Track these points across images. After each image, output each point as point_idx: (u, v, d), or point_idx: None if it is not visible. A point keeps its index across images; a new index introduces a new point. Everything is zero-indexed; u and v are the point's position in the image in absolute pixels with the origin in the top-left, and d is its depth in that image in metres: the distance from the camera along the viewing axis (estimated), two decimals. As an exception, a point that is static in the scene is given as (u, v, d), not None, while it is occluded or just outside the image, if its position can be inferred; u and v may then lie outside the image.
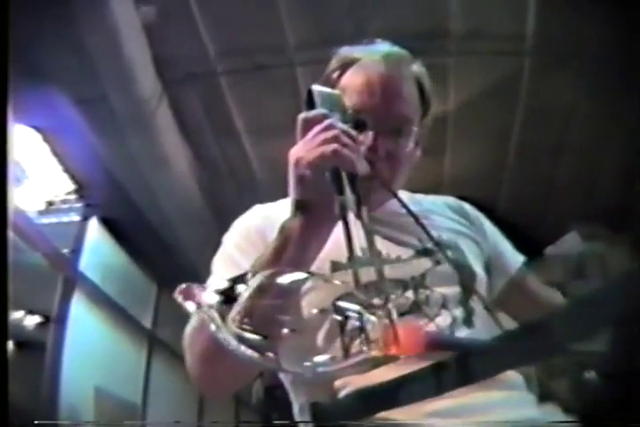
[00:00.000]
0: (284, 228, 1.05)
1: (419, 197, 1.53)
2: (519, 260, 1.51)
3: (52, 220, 3.98)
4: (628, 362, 0.93)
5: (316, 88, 1.10)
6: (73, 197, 3.99)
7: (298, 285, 0.74)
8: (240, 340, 0.70)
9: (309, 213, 1.01)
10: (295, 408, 1.26)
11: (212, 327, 0.71)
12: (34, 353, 3.34)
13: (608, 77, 3.04)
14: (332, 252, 1.10)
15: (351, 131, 1.01)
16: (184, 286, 0.75)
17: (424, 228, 1.13)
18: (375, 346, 0.69)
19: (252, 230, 1.36)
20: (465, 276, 1.27)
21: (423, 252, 1.29)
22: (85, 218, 4.04)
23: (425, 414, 1.02)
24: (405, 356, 0.72)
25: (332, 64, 1.40)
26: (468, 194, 1.62)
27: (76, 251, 3.91)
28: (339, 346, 0.70)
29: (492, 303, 1.42)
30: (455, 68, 3.12)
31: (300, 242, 1.02)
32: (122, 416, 4.07)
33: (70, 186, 3.89)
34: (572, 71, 3.10)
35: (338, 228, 1.01)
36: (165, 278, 4.83)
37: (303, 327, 0.71)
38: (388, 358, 0.70)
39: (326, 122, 1.00)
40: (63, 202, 4.02)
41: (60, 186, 3.89)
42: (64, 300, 3.67)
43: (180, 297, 0.74)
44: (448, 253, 1.26)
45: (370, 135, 1.23)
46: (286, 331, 0.70)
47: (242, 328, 0.70)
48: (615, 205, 3.74)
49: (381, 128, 1.24)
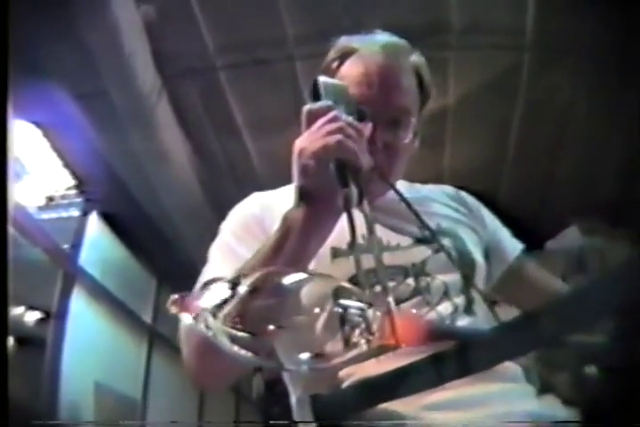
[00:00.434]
0: (286, 218, 1.04)
1: (417, 186, 1.55)
2: (518, 247, 1.52)
3: (52, 215, 3.98)
4: (628, 356, 0.93)
5: (322, 79, 1.11)
6: (73, 192, 3.99)
7: (296, 285, 0.73)
8: (234, 340, 0.70)
9: (313, 204, 1.01)
10: (292, 399, 1.27)
11: (209, 333, 0.71)
12: (34, 349, 3.34)
13: (607, 72, 3.04)
14: (332, 238, 1.09)
15: (356, 123, 1.01)
16: (176, 297, 0.74)
17: (417, 215, 1.13)
18: (375, 337, 0.69)
19: (250, 219, 1.35)
20: (464, 263, 1.27)
21: (423, 239, 1.29)
22: (85, 213, 4.04)
23: (422, 406, 1.02)
24: (406, 346, 0.72)
25: (331, 54, 1.40)
26: (467, 188, 1.62)
27: (76, 246, 3.91)
28: (338, 340, 0.69)
29: (492, 290, 1.42)
30: (455, 62, 3.12)
31: (303, 233, 1.02)
32: (122, 412, 4.07)
33: (70, 181, 3.89)
34: (572, 65, 3.09)
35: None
36: (165, 273, 4.84)
37: (299, 323, 0.71)
38: (387, 349, 0.70)
39: (331, 114, 1.00)
40: (63, 197, 4.02)
41: (60, 181, 3.89)
42: (64, 295, 3.67)
43: (174, 309, 0.74)
44: (447, 241, 1.27)
45: (368, 126, 1.22)
46: (276, 328, 0.70)
47: (234, 328, 0.70)
48: (615, 199, 3.74)
49: (380, 119, 1.24)
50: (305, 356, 0.70)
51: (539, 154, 3.73)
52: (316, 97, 1.08)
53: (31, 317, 3.43)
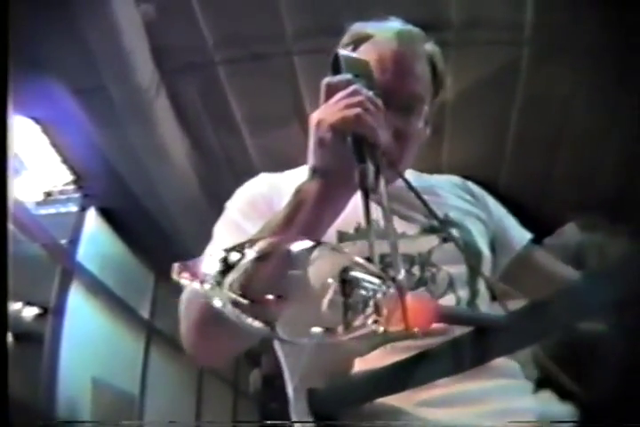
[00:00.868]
0: (299, 191, 1.03)
1: (425, 176, 1.55)
2: (526, 236, 1.51)
3: (50, 210, 3.97)
4: (627, 351, 0.93)
5: (343, 52, 1.10)
6: (71, 187, 3.99)
7: (304, 254, 0.71)
8: (237, 307, 0.69)
9: (327, 178, 1.00)
10: (289, 391, 1.26)
11: (215, 300, 0.70)
12: (32, 345, 3.34)
13: (606, 67, 3.04)
14: (339, 221, 1.09)
15: (376, 99, 1.00)
16: (180, 265, 0.73)
17: (425, 204, 1.13)
18: (385, 319, 0.68)
19: (259, 198, 1.34)
20: (471, 255, 1.27)
21: (430, 229, 1.29)
22: (83, 208, 4.03)
23: (416, 403, 1.02)
24: (417, 329, 0.71)
25: (345, 39, 1.40)
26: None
27: (74, 241, 3.91)
28: (341, 317, 0.69)
29: (499, 279, 1.42)
30: (454, 57, 3.11)
31: (315, 207, 1.00)
32: (119, 407, 4.08)
33: (68, 176, 3.89)
34: (571, 61, 3.09)
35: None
36: (163, 268, 4.80)
37: (306, 297, 0.70)
38: (399, 333, 0.69)
39: (351, 87, 0.99)
40: (61, 192, 4.02)
41: (58, 176, 3.89)
42: (62, 291, 3.67)
43: (181, 276, 0.73)
44: (454, 232, 1.27)
45: None
46: (276, 298, 0.69)
47: (239, 295, 0.69)
48: (614, 195, 3.74)
49: (392, 105, 1.22)
50: (311, 329, 0.69)
51: (537, 149, 3.73)
52: (335, 71, 1.07)
53: (29, 312, 3.43)
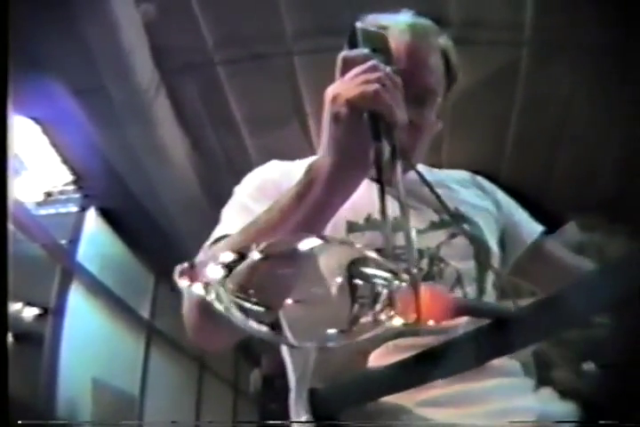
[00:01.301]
0: (311, 168, 0.98)
1: (435, 170, 1.53)
2: (537, 229, 1.50)
3: (50, 211, 3.98)
4: (626, 353, 0.93)
5: (360, 26, 1.06)
6: (71, 187, 3.99)
7: (311, 252, 0.69)
8: (246, 313, 0.67)
9: (341, 155, 0.94)
10: (292, 387, 1.25)
11: (220, 306, 0.68)
12: (32, 345, 3.35)
13: (606, 66, 3.04)
14: (348, 211, 1.06)
15: (394, 75, 0.95)
16: (183, 267, 0.70)
17: (438, 197, 1.11)
18: (399, 313, 0.67)
19: (269, 183, 1.32)
20: (480, 250, 1.26)
21: (439, 223, 1.27)
22: (83, 209, 4.04)
23: (417, 402, 1.01)
24: (432, 322, 0.70)
25: None
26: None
27: (74, 242, 3.91)
28: (348, 315, 0.67)
29: (510, 274, 1.41)
30: (453, 57, 3.12)
31: (328, 184, 0.95)
32: (119, 408, 4.08)
33: (68, 177, 3.89)
34: (571, 60, 3.09)
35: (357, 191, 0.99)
36: (163, 269, 4.83)
37: (318, 296, 0.68)
38: (412, 325, 0.68)
39: (370, 63, 0.94)
40: (61, 193, 4.02)
41: (58, 177, 3.89)
42: (62, 291, 3.67)
43: (183, 280, 0.70)
44: (463, 227, 1.26)
45: None
46: (291, 302, 0.67)
47: (247, 300, 0.67)
48: (614, 195, 3.74)
49: (406, 97, 1.22)
50: (321, 330, 0.67)
51: (537, 149, 3.73)
52: (352, 45, 1.02)
53: (29, 313, 3.43)
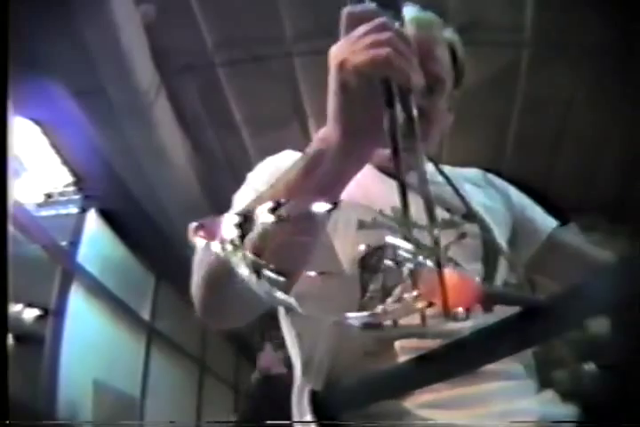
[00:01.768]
0: (319, 139, 0.90)
1: (446, 167, 1.51)
2: (551, 224, 1.49)
3: (51, 212, 3.98)
4: (626, 353, 0.93)
5: None
6: (71, 189, 3.99)
7: (324, 217, 0.66)
8: (262, 278, 0.63)
9: (352, 125, 0.85)
10: (295, 385, 1.23)
11: (238, 268, 0.63)
12: (32, 347, 3.34)
13: (606, 67, 3.04)
14: (360, 207, 1.03)
15: (406, 34, 0.84)
16: (198, 224, 0.66)
17: (463, 198, 1.09)
18: (424, 296, 0.63)
19: (282, 171, 1.30)
20: (489, 251, 1.24)
21: (449, 223, 1.26)
22: (84, 210, 4.04)
23: (419, 404, 1.01)
24: (457, 308, 0.68)
25: None
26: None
27: (75, 243, 3.91)
28: (376, 291, 0.64)
29: (527, 269, 1.39)
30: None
31: (339, 156, 0.87)
32: (120, 409, 4.07)
33: (68, 178, 3.89)
34: (571, 61, 3.09)
35: (367, 185, 0.95)
36: (164, 270, 4.84)
37: (334, 267, 0.66)
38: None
39: (379, 20, 0.82)
40: (61, 194, 4.02)
41: (59, 178, 3.89)
42: (62, 292, 3.67)
43: (199, 236, 0.65)
44: (475, 227, 1.25)
45: None
46: (314, 273, 0.64)
47: (266, 266, 0.63)
48: (614, 195, 3.74)
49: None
50: (338, 307, 0.64)
51: (537, 150, 3.73)
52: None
53: (29, 314, 3.43)
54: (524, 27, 2.98)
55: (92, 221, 4.13)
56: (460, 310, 0.72)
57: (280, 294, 0.63)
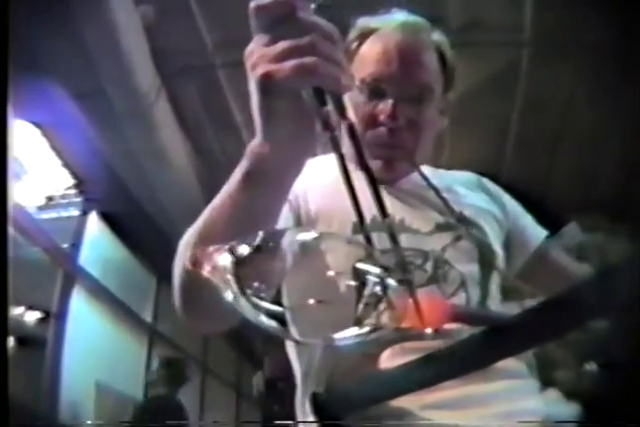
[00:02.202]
0: (251, 153, 0.85)
1: (441, 171, 1.51)
2: (542, 234, 1.49)
3: (52, 215, 3.98)
4: (627, 353, 0.92)
5: None
6: (72, 191, 4.00)
7: (312, 244, 0.64)
8: (257, 308, 0.61)
9: (280, 137, 0.80)
10: (298, 389, 1.23)
11: (229, 295, 0.62)
12: (34, 349, 3.35)
13: (606, 67, 3.04)
14: (353, 213, 1.02)
15: (326, 24, 0.75)
16: (195, 255, 0.65)
17: (445, 201, 1.10)
18: (396, 317, 0.63)
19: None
20: (485, 254, 1.25)
21: (444, 226, 1.26)
22: (85, 212, 4.04)
23: (422, 405, 1.01)
24: (430, 329, 0.69)
25: (351, 35, 1.37)
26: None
27: (76, 245, 3.91)
28: (352, 315, 0.63)
29: (516, 277, 1.40)
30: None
31: (272, 168, 0.83)
32: (122, 411, 4.08)
33: (69, 181, 3.89)
34: (571, 61, 3.09)
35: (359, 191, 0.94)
36: (165, 272, 4.81)
37: (322, 295, 0.65)
38: (409, 331, 0.66)
39: (300, 17, 0.72)
40: (62, 197, 4.02)
41: (60, 181, 3.89)
42: (64, 295, 3.68)
43: (197, 262, 0.63)
44: (468, 231, 1.25)
45: (389, 103, 1.20)
46: (312, 301, 0.64)
47: (256, 294, 0.61)
48: (615, 195, 3.74)
49: (401, 96, 1.22)
50: (330, 330, 0.62)
51: (538, 150, 3.73)
52: None
53: (31, 317, 3.43)
54: (523, 26, 2.98)
55: (94, 223, 4.13)
56: (429, 330, 0.72)
57: (266, 320, 0.63)
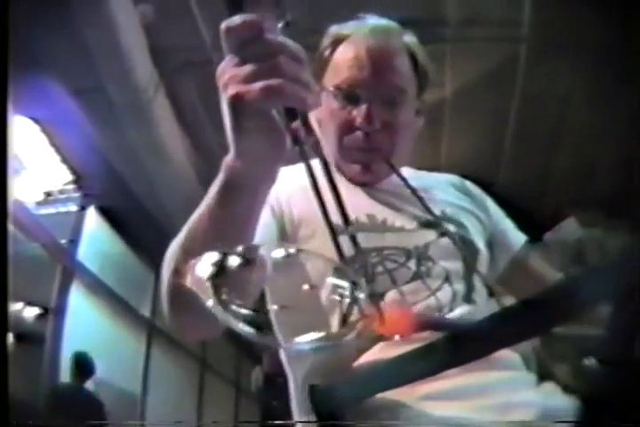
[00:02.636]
0: (227, 167, 0.87)
1: (423, 173, 1.52)
2: (521, 239, 1.50)
3: (50, 210, 3.98)
4: (627, 348, 0.93)
5: None
6: (71, 187, 3.99)
7: (285, 260, 0.69)
8: (234, 315, 0.65)
9: (252, 153, 0.84)
10: (291, 388, 1.25)
11: (209, 302, 0.64)
12: (33, 345, 3.35)
13: (605, 62, 3.04)
14: (334, 215, 1.04)
15: (297, 46, 0.80)
16: (179, 265, 0.68)
17: (421, 200, 1.11)
18: (366, 326, 0.67)
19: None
20: (467, 251, 1.26)
21: (427, 224, 1.27)
22: (83, 208, 4.04)
23: (418, 397, 1.01)
24: (400, 336, 0.71)
25: (323, 42, 1.39)
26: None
27: (74, 241, 3.91)
28: (336, 321, 0.68)
29: (497, 282, 1.41)
30: (451, 54, 3.11)
31: (246, 181, 0.86)
32: (121, 407, 4.08)
33: (68, 176, 3.90)
34: (569, 56, 3.09)
35: (342, 196, 0.96)
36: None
37: (296, 303, 0.69)
38: (380, 337, 0.69)
39: (267, 38, 0.76)
40: (61, 192, 4.02)
41: (58, 176, 3.89)
42: (62, 290, 3.68)
43: (180, 274, 0.67)
44: (451, 228, 1.26)
45: (364, 108, 1.23)
46: (276, 307, 0.67)
47: (235, 303, 0.65)
48: (613, 190, 3.74)
49: (375, 100, 1.24)
50: (307, 336, 0.66)
51: (536, 145, 3.73)
52: (235, 5, 0.77)
53: (30, 312, 3.43)
54: (521, 22, 2.98)
55: (92, 218, 4.14)
56: (397, 337, 0.75)
57: (244, 326, 0.65)
